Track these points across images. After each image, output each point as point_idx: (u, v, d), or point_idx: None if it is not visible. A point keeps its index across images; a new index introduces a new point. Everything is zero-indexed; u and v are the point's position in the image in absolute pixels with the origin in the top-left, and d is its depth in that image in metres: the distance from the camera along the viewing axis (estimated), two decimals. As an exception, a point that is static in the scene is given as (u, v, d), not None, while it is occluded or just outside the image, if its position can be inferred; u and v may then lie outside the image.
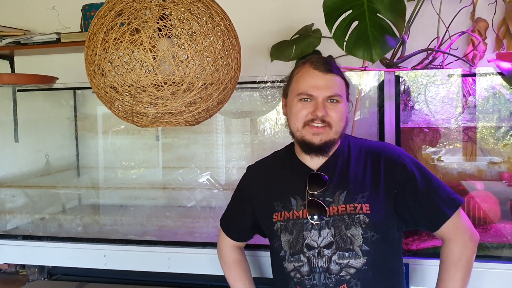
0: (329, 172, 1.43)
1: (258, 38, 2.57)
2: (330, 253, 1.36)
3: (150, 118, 1.44)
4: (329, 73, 1.40)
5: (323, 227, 1.38)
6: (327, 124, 1.39)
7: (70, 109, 2.86)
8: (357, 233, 1.35)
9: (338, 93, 1.39)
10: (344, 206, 1.38)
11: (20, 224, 2.52)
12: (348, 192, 1.39)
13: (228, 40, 1.44)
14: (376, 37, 1.72)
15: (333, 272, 1.35)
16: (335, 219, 1.38)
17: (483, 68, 2.06)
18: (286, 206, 1.46)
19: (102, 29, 1.35)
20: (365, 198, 1.38)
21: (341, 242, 1.36)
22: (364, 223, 1.35)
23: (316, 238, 1.38)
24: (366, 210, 1.36)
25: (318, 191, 1.41)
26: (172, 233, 2.29)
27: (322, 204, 1.39)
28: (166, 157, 2.79)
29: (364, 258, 1.35)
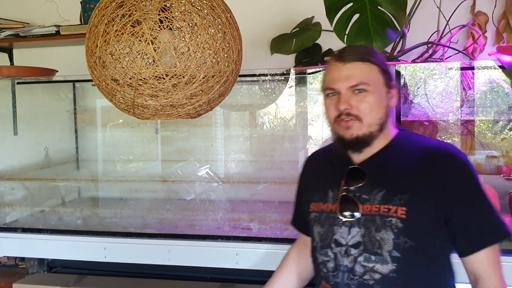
0: (371, 168, 1.31)
1: (258, 31, 2.57)
2: (357, 253, 1.27)
3: (151, 111, 1.44)
4: (351, 62, 1.28)
5: (354, 225, 1.28)
6: (355, 117, 1.27)
7: (69, 102, 2.86)
8: (388, 237, 1.23)
9: (363, 80, 1.26)
10: (378, 206, 1.26)
11: (20, 217, 2.52)
12: (386, 191, 1.26)
13: (229, 32, 1.44)
14: (377, 30, 1.72)
15: (357, 273, 1.26)
16: (367, 219, 1.26)
17: (483, 62, 2.06)
18: (323, 197, 1.38)
19: (103, 20, 1.35)
20: (403, 201, 1.23)
21: (370, 244, 1.25)
22: (396, 227, 1.22)
23: (345, 235, 1.29)
24: (401, 214, 1.22)
25: (354, 186, 1.31)
26: (172, 226, 2.29)
27: (354, 201, 1.29)
28: (166, 150, 2.79)
29: (393, 264, 1.23)
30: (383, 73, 1.29)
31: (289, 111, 2.59)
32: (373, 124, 1.27)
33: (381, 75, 1.29)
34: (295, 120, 2.59)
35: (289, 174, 2.53)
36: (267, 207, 2.37)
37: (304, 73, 2.43)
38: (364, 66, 1.28)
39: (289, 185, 2.49)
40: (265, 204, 2.42)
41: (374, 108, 1.27)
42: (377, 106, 1.27)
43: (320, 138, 2.50)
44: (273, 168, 2.59)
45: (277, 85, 2.50)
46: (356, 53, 1.30)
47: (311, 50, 2.43)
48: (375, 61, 1.29)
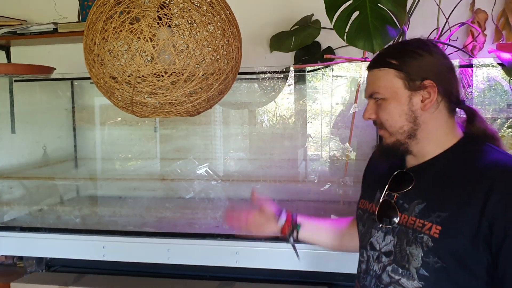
0: (419, 176, 1.22)
1: (258, 28, 2.56)
2: (386, 262, 1.21)
3: (150, 108, 1.42)
4: (370, 70, 1.23)
5: (389, 233, 1.23)
6: (380, 127, 1.22)
7: (67, 100, 2.85)
8: (417, 253, 1.15)
9: (374, 89, 1.20)
10: (415, 219, 1.17)
11: (18, 216, 2.51)
12: (426, 205, 1.16)
13: (228, 29, 1.43)
14: (377, 28, 1.71)
15: (383, 282, 1.22)
16: (401, 229, 1.20)
17: (483, 59, 2.05)
18: (371, 196, 1.33)
19: (102, 17, 1.34)
20: (440, 219, 1.13)
21: (399, 256, 1.19)
22: (427, 246, 1.13)
23: (380, 240, 1.25)
24: (435, 232, 1.12)
25: (397, 192, 1.24)
26: (172, 225, 2.29)
27: (395, 207, 1.22)
28: (165, 148, 2.78)
29: (419, 282, 1.15)
30: (403, 75, 1.18)
31: (289, 109, 2.59)
32: (396, 133, 1.20)
33: (399, 78, 1.18)
34: (294, 118, 2.58)
35: (289, 173, 2.53)
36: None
37: (304, 71, 2.43)
38: (379, 73, 1.21)
39: (288, 183, 2.50)
40: (264, 202, 2.41)
41: (392, 116, 1.19)
42: (394, 114, 1.18)
43: (319, 136, 2.50)
44: (272, 166, 2.59)
45: (276, 83, 2.49)
46: (378, 57, 1.23)
47: (310, 47, 2.43)
48: (394, 63, 1.19)
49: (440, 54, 1.20)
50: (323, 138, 2.50)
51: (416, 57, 1.18)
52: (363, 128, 2.18)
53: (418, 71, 1.17)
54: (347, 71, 2.34)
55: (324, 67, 2.18)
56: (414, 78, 1.17)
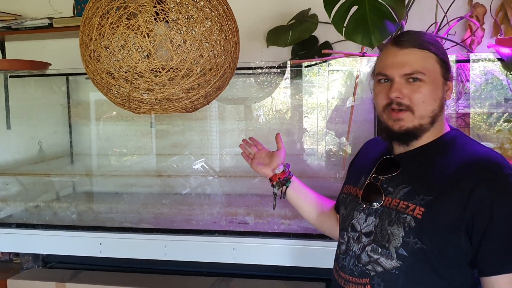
0: (406, 162, 1.26)
1: (254, 23, 2.54)
2: (366, 242, 1.25)
3: (147, 105, 1.41)
4: (409, 48, 1.21)
5: (371, 214, 1.26)
6: (406, 108, 1.21)
7: (63, 96, 2.83)
8: (398, 233, 1.19)
9: (418, 69, 1.19)
10: (398, 201, 1.21)
11: (14, 212, 2.49)
12: (411, 188, 1.21)
13: (226, 25, 1.41)
14: (376, 22, 1.70)
15: (362, 261, 1.24)
16: (384, 210, 1.23)
17: (482, 54, 2.04)
18: (355, 181, 1.37)
19: (98, 13, 1.32)
20: (424, 202, 1.17)
21: (380, 236, 1.22)
22: (409, 226, 1.17)
23: (362, 222, 1.28)
24: (418, 214, 1.16)
25: (383, 176, 1.28)
26: (168, 221, 2.28)
27: (380, 190, 1.26)
28: (161, 144, 2.77)
29: (397, 262, 1.19)
30: (442, 63, 1.22)
31: (286, 104, 2.58)
32: (425, 116, 1.22)
33: (439, 65, 1.22)
34: (291, 113, 2.57)
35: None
36: (264, 201, 2.35)
37: (300, 66, 2.41)
38: (421, 53, 1.21)
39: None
40: (262, 198, 2.40)
41: (428, 99, 1.21)
42: (431, 98, 1.21)
43: (316, 131, 2.49)
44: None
45: (273, 78, 2.48)
46: (415, 38, 1.23)
47: (307, 42, 2.42)
48: (434, 49, 1.22)
49: None
50: (319, 133, 2.49)
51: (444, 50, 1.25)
52: (360, 123, 2.17)
53: (448, 62, 1.24)
54: (343, 65, 2.33)
55: (322, 62, 2.17)
56: (446, 68, 1.23)
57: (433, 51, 1.21)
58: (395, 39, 1.25)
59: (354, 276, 1.26)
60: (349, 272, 1.28)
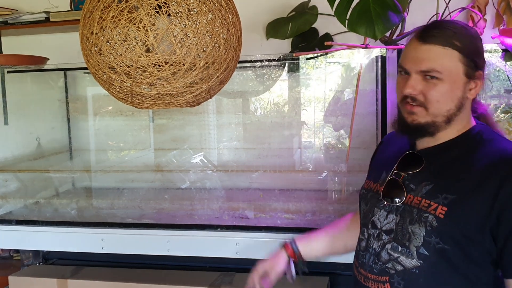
0: (430, 159, 1.24)
1: (254, 15, 2.52)
2: (386, 239, 1.23)
3: (150, 100, 1.39)
4: (431, 44, 1.16)
5: (392, 211, 1.24)
6: (419, 104, 1.18)
7: (60, 91, 2.80)
8: (419, 232, 1.17)
9: (436, 67, 1.15)
10: (421, 199, 1.19)
11: (14, 209, 2.47)
12: (434, 186, 1.18)
13: (229, 18, 1.39)
14: (379, 14, 1.68)
15: (381, 259, 1.23)
16: (405, 208, 1.21)
17: (485, 45, 2.02)
18: (376, 177, 1.35)
19: (99, 6, 1.30)
20: (447, 201, 1.14)
21: (400, 234, 1.21)
22: (430, 225, 1.15)
23: (382, 219, 1.26)
24: (440, 213, 1.14)
25: (405, 172, 1.25)
26: (170, 216, 2.26)
27: (402, 187, 1.23)
28: (161, 138, 2.75)
29: (418, 261, 1.17)
30: (467, 61, 1.16)
31: (286, 97, 2.56)
32: (439, 115, 1.18)
33: (462, 63, 1.16)
34: (292, 106, 2.55)
35: (288, 162, 2.51)
36: (266, 196, 2.34)
37: (298, 59, 2.39)
38: (443, 51, 1.16)
39: (288, 173, 2.48)
40: (264, 192, 2.39)
41: (443, 99, 1.17)
42: (447, 97, 1.17)
43: (314, 124, 2.47)
44: (273, 156, 2.56)
45: (273, 71, 2.46)
46: (442, 33, 1.16)
47: (307, 34, 2.39)
48: (460, 46, 1.15)
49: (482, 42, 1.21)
50: (316, 125, 2.47)
51: (479, 46, 1.19)
52: (363, 116, 2.16)
53: (478, 61, 1.18)
54: (340, 57, 2.31)
55: (324, 54, 2.15)
56: (473, 67, 1.17)
57: (458, 48, 1.15)
58: (421, 31, 1.20)
59: (373, 273, 1.26)
60: (368, 269, 1.27)
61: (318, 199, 2.26)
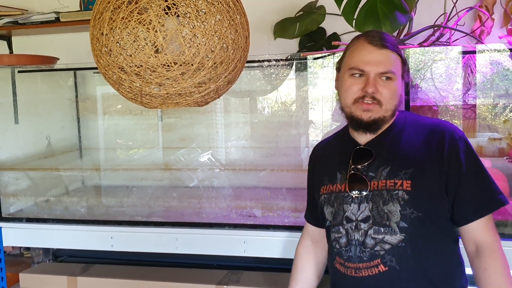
0: (377, 148, 1.39)
1: (262, 15, 2.53)
2: (366, 227, 1.34)
3: (159, 99, 1.41)
4: (384, 49, 1.35)
5: (363, 201, 1.36)
6: (377, 102, 1.34)
7: (70, 90, 2.83)
8: (395, 209, 1.31)
9: (391, 69, 1.34)
10: (385, 181, 1.34)
11: (25, 207, 2.50)
12: (391, 168, 1.35)
13: (237, 18, 1.41)
14: (386, 14, 1.69)
15: (368, 246, 1.32)
16: (374, 194, 1.34)
17: (491, 44, 2.03)
18: (332, 179, 1.45)
19: (109, 7, 1.31)
20: (408, 175, 1.32)
21: (378, 217, 1.32)
22: (403, 199, 1.30)
23: (355, 211, 1.36)
24: (407, 186, 1.31)
25: (361, 165, 1.39)
26: (179, 214, 2.28)
27: (364, 178, 1.36)
28: (169, 137, 2.77)
29: (401, 235, 1.30)
30: (403, 65, 1.39)
31: (294, 97, 2.57)
32: (389, 110, 1.36)
33: (401, 67, 1.38)
34: (299, 105, 2.56)
35: (296, 160, 2.52)
36: (274, 194, 2.36)
37: (306, 58, 2.40)
38: (393, 55, 1.36)
39: (295, 172, 2.49)
40: (272, 191, 2.41)
41: (394, 96, 1.36)
42: (396, 94, 1.36)
43: (329, 124, 2.48)
44: (281, 155, 2.58)
45: (280, 71, 2.47)
46: (388, 41, 1.36)
47: (315, 34, 2.40)
48: (399, 52, 1.38)
49: None
50: (324, 125, 2.48)
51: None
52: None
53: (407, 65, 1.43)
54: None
55: (331, 54, 2.16)
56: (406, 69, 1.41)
57: (399, 54, 1.37)
58: (370, 37, 1.37)
59: (364, 262, 1.33)
60: (357, 260, 1.34)
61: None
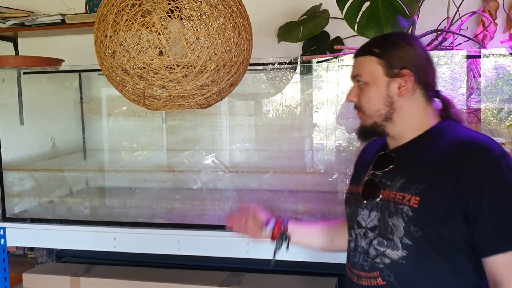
0: (400, 156, 1.31)
1: (266, 19, 2.55)
2: (372, 236, 1.29)
3: (161, 101, 1.42)
4: (356, 58, 1.34)
5: (373, 209, 1.30)
6: (358, 109, 1.33)
7: (75, 92, 2.85)
8: (399, 224, 1.23)
9: (358, 73, 1.31)
10: (395, 193, 1.26)
11: (29, 207, 2.52)
12: (406, 180, 1.25)
13: (240, 22, 1.42)
14: (388, 18, 1.70)
15: (370, 255, 1.29)
16: (383, 204, 1.27)
17: (494, 49, 2.03)
18: (357, 180, 1.41)
19: (113, 10, 1.33)
20: (418, 191, 1.21)
21: (383, 228, 1.26)
22: (407, 216, 1.21)
23: (366, 218, 1.32)
24: (414, 203, 1.20)
25: (380, 171, 1.32)
26: (181, 216, 2.29)
27: (378, 185, 1.30)
28: (173, 139, 2.78)
29: (403, 251, 1.22)
30: (383, 62, 1.28)
31: (299, 99, 2.58)
32: (373, 116, 1.30)
33: (380, 65, 1.28)
34: (303, 108, 2.57)
35: (298, 163, 2.53)
36: (276, 197, 2.36)
37: (310, 62, 2.41)
38: (362, 59, 1.32)
39: (297, 174, 2.50)
40: (274, 194, 2.41)
41: (371, 100, 1.29)
42: (374, 98, 1.29)
43: (326, 126, 2.49)
44: (285, 158, 2.58)
45: (285, 74, 2.48)
46: (363, 47, 1.33)
47: (319, 37, 2.41)
48: (377, 51, 1.29)
49: (419, 46, 1.30)
50: (329, 128, 2.49)
51: (397, 48, 1.28)
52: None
53: (397, 60, 1.27)
54: (353, 60, 2.32)
55: (334, 58, 2.17)
56: (393, 66, 1.27)
57: (375, 54, 1.29)
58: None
59: (365, 270, 1.30)
60: (360, 267, 1.32)
61: (327, 200, 2.28)
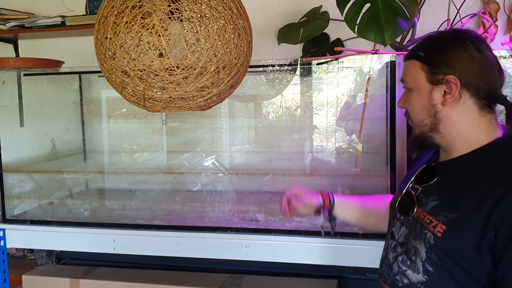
0: (444, 172, 1.19)
1: (266, 20, 2.55)
2: (399, 252, 1.22)
3: (162, 103, 1.42)
4: (405, 60, 1.23)
5: (404, 224, 1.22)
6: (407, 116, 1.23)
7: (75, 93, 2.84)
8: (421, 248, 1.14)
9: (403, 78, 1.22)
10: (425, 214, 1.15)
11: (29, 209, 2.52)
12: (439, 203, 1.14)
13: (240, 23, 1.42)
14: (389, 20, 1.69)
15: (393, 271, 1.22)
16: (413, 222, 1.19)
17: (495, 51, 2.02)
18: (402, 188, 1.31)
19: (113, 12, 1.33)
20: (447, 219, 1.10)
21: (408, 248, 1.19)
22: (429, 242, 1.12)
23: (398, 230, 1.25)
24: (438, 231, 1.10)
25: (420, 185, 1.22)
26: (181, 218, 2.29)
27: (414, 200, 1.20)
28: (173, 141, 2.78)
29: (423, 276, 1.14)
30: (427, 68, 1.16)
31: (298, 101, 2.57)
32: (419, 126, 1.20)
33: (423, 71, 1.16)
34: (303, 110, 2.57)
35: (298, 165, 2.52)
36: (276, 199, 2.36)
37: (310, 63, 2.41)
38: (408, 63, 1.21)
39: (297, 176, 2.50)
40: (274, 196, 2.41)
41: (414, 108, 1.20)
42: (417, 106, 1.19)
43: (326, 128, 2.48)
44: (285, 159, 2.58)
45: (284, 76, 2.48)
46: (412, 48, 1.22)
47: (319, 39, 2.41)
48: (421, 55, 1.17)
49: (478, 49, 1.12)
50: (329, 130, 2.49)
51: (445, 51, 1.14)
52: (373, 121, 2.17)
53: (442, 65, 1.13)
54: (353, 62, 2.33)
55: (334, 59, 2.17)
56: (437, 72, 1.14)
57: (419, 58, 1.18)
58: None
59: (386, 284, 1.26)
60: (383, 279, 1.28)
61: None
